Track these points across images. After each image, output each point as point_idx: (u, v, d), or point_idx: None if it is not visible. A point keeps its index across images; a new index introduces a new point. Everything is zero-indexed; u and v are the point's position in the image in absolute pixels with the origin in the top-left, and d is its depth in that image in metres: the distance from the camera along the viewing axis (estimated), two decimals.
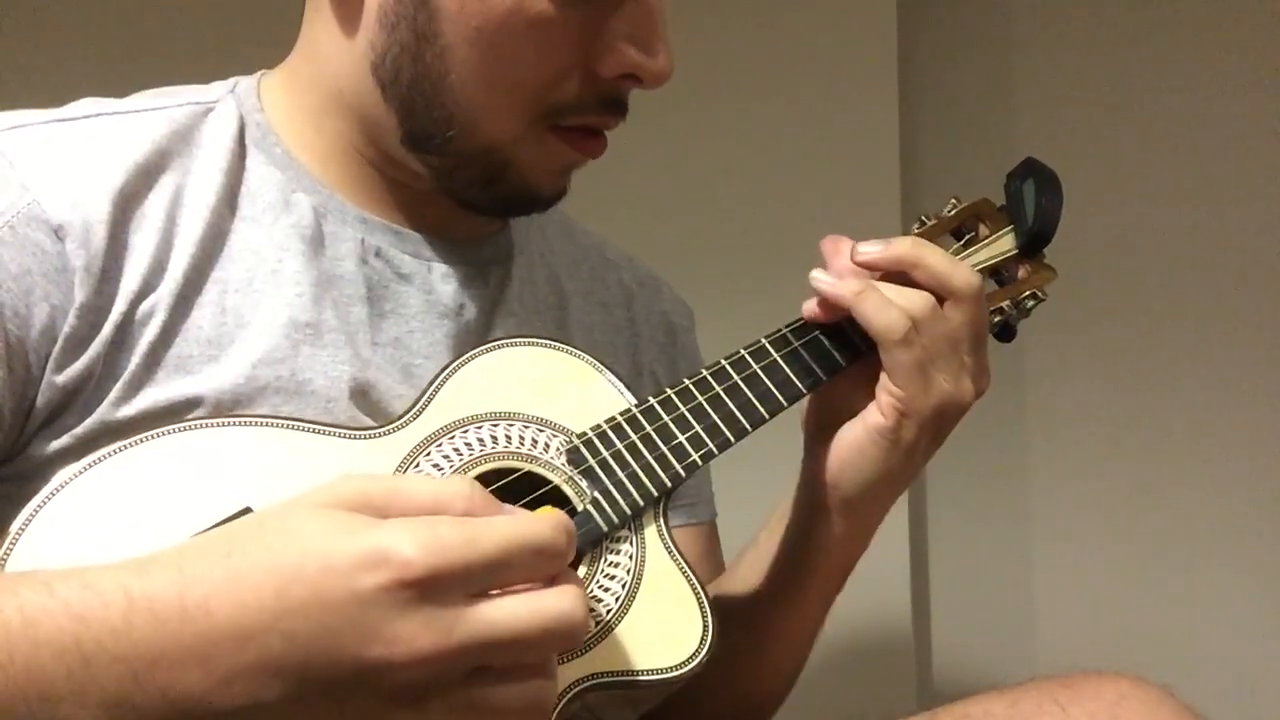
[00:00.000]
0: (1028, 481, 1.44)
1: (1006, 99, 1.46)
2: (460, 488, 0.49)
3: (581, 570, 0.63)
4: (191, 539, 0.50)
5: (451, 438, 0.65)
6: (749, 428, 0.69)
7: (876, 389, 0.68)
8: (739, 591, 0.79)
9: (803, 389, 0.70)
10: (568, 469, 0.66)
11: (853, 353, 0.71)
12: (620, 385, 0.70)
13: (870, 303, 0.67)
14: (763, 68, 1.35)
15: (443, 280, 0.73)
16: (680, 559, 0.64)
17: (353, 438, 0.64)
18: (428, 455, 0.64)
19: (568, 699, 0.59)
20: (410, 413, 0.66)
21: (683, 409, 0.68)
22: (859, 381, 0.70)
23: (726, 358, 0.71)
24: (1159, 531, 1.39)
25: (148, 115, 0.68)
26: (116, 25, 1.42)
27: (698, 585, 0.63)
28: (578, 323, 0.81)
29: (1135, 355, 1.40)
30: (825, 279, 0.69)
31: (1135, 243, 1.40)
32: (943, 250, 0.71)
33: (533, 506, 0.64)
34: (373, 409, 0.68)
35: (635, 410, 0.68)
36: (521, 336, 0.71)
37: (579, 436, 0.67)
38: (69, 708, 0.45)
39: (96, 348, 0.62)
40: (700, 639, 0.61)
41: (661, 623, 0.62)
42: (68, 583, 0.47)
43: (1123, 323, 1.41)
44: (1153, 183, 1.41)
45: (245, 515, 0.57)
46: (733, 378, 0.70)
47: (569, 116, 0.67)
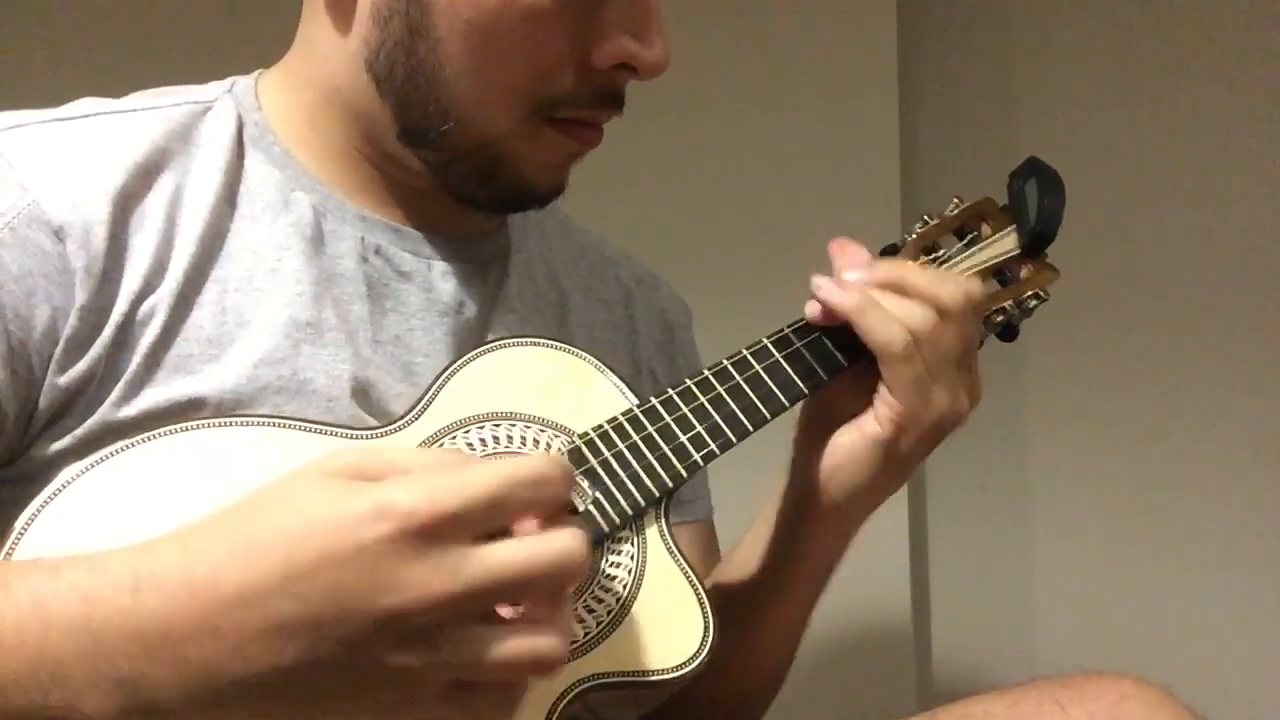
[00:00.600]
0: (1028, 482, 1.44)
1: (1006, 99, 1.46)
2: (448, 454, 0.50)
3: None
4: (196, 520, 0.50)
5: (453, 438, 0.65)
6: (751, 428, 0.69)
7: (875, 399, 0.69)
8: (720, 593, 0.79)
9: (805, 389, 0.70)
10: None
11: (854, 352, 0.71)
12: (622, 385, 0.70)
13: (871, 316, 0.67)
14: (763, 67, 1.35)
15: (442, 278, 0.73)
16: (681, 559, 0.64)
17: (354, 438, 0.64)
18: None
19: (569, 699, 0.59)
20: (411, 413, 0.66)
21: (685, 409, 0.68)
22: (856, 385, 0.70)
23: (729, 358, 0.71)
24: (1159, 531, 1.39)
25: (146, 115, 0.68)
26: (115, 26, 1.42)
27: (699, 586, 0.63)
28: (578, 320, 0.81)
29: (1135, 355, 1.40)
30: (828, 287, 0.69)
31: (1135, 243, 1.40)
32: (925, 268, 0.71)
33: None
34: (374, 408, 0.68)
35: (637, 410, 0.68)
36: (522, 336, 0.71)
37: (580, 437, 0.67)
38: (82, 686, 0.46)
39: (98, 349, 0.62)
40: (701, 639, 0.61)
41: (663, 623, 0.62)
42: (75, 566, 0.47)
43: (1123, 323, 1.41)
44: (1152, 183, 1.41)
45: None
46: (735, 378, 0.70)
47: (564, 109, 0.67)
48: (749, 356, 0.71)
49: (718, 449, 0.68)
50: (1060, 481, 1.43)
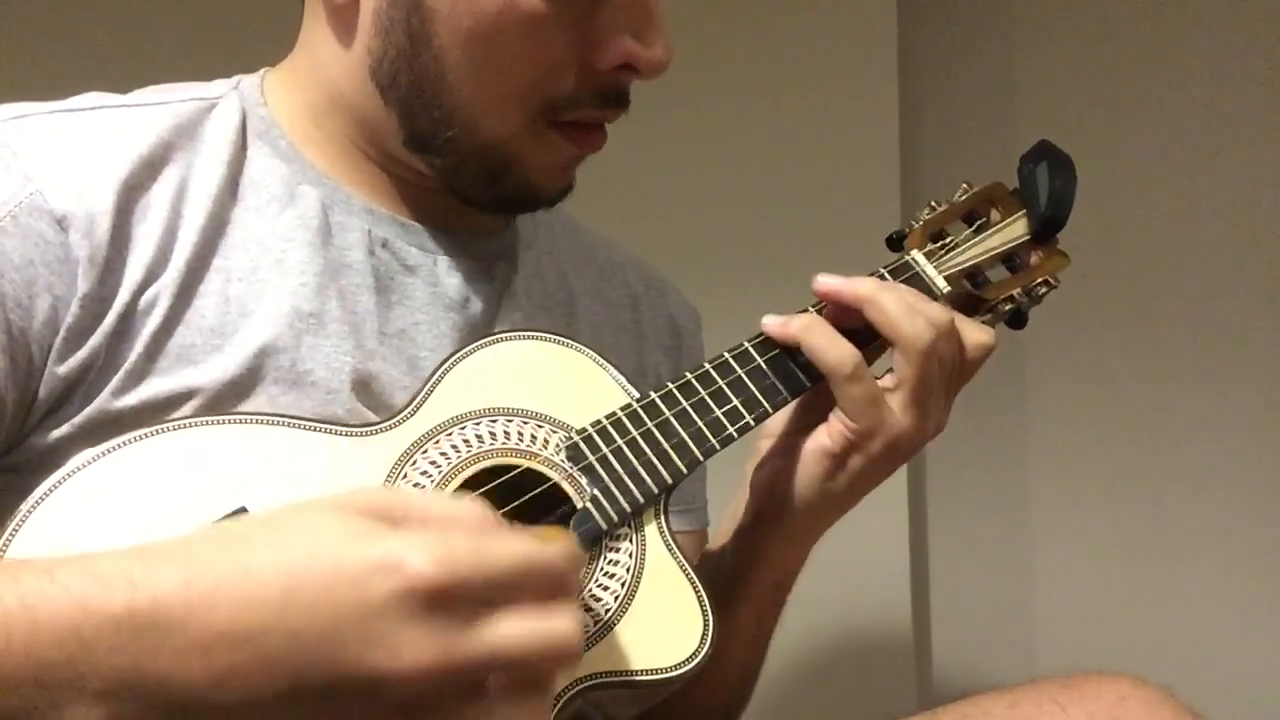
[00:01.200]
0: (1028, 481, 1.44)
1: (1006, 97, 1.46)
2: (475, 510, 0.49)
3: (581, 569, 0.63)
4: (202, 529, 0.50)
5: (449, 434, 0.65)
6: (753, 422, 0.69)
7: (830, 413, 0.69)
8: None
9: (806, 382, 0.70)
10: (567, 466, 0.65)
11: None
12: (622, 379, 0.69)
13: (817, 336, 0.68)
14: (763, 67, 1.35)
15: (448, 273, 0.73)
16: (680, 557, 0.64)
17: (349, 434, 0.63)
18: (425, 452, 0.64)
19: (568, 698, 0.58)
20: (408, 408, 0.66)
21: (685, 404, 0.68)
22: (820, 398, 0.70)
23: (730, 350, 0.71)
24: (1159, 531, 1.39)
25: (151, 109, 0.68)
26: (116, 25, 1.42)
27: (698, 583, 0.63)
28: (585, 320, 0.81)
29: (1136, 354, 1.40)
30: (772, 320, 0.70)
31: (1136, 242, 1.40)
32: (913, 296, 0.69)
33: (532, 504, 0.64)
34: (375, 402, 0.68)
35: (636, 405, 0.67)
36: (522, 330, 0.70)
37: (579, 433, 0.66)
38: (66, 694, 0.44)
39: (98, 338, 0.62)
40: (701, 637, 0.61)
41: (662, 621, 0.62)
42: (69, 569, 0.46)
43: (1123, 321, 1.40)
44: (1153, 181, 1.40)
45: (242, 514, 0.57)
46: (737, 371, 0.69)
47: (568, 111, 0.68)
48: (751, 349, 0.70)
49: (719, 444, 0.68)
50: (1060, 481, 1.43)
